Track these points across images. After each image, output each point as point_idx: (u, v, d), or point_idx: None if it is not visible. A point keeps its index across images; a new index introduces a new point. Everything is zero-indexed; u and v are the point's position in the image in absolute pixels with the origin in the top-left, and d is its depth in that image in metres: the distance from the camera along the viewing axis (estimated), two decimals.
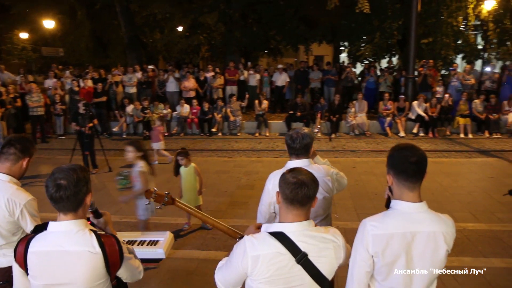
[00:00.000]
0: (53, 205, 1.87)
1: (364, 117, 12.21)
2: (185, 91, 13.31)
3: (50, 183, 1.84)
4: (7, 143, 2.61)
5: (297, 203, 1.92)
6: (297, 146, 2.91)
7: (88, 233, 1.89)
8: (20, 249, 1.88)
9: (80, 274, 1.85)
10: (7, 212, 2.52)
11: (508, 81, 12.20)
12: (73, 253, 1.84)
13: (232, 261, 1.98)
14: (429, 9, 13.26)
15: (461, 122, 11.54)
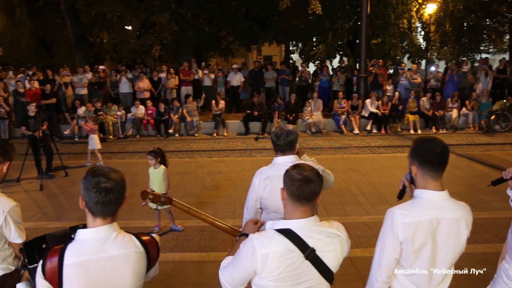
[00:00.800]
0: (96, 210, 1.76)
1: (320, 116, 12.53)
2: (139, 92, 12.95)
3: (95, 188, 1.73)
4: None
5: (304, 200, 1.93)
6: (282, 143, 2.94)
7: (125, 234, 1.82)
8: (52, 265, 1.70)
9: (127, 277, 1.78)
10: None
11: (450, 80, 13.02)
12: (119, 257, 1.75)
13: (239, 260, 1.95)
14: (377, 11, 13.88)
15: (411, 118, 12.16)
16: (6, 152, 2.46)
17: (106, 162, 9.47)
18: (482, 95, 12.43)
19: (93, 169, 1.82)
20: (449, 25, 14.46)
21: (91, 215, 1.78)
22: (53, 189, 7.56)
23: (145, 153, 10.35)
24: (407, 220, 1.98)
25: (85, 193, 1.75)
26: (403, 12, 13.63)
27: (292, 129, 2.99)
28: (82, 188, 1.77)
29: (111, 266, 1.74)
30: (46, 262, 1.70)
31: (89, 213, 1.78)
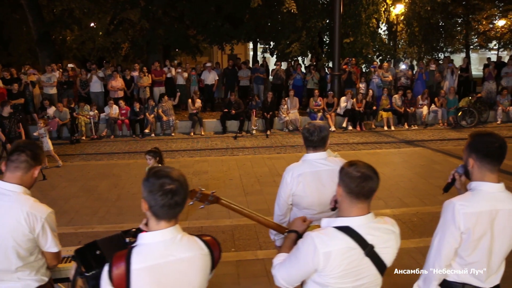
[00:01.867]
0: (161, 213, 1.68)
1: (296, 113, 12.64)
2: (112, 91, 12.55)
3: (160, 190, 1.65)
4: (15, 149, 2.25)
5: (363, 197, 1.94)
6: (315, 139, 2.93)
7: (189, 236, 1.77)
8: (119, 271, 1.61)
9: (195, 280, 1.73)
10: (27, 228, 2.17)
11: (419, 78, 13.53)
12: (187, 259, 1.70)
13: (299, 258, 1.95)
14: (349, 10, 14.18)
15: (384, 115, 12.52)
16: (37, 156, 2.30)
17: (85, 164, 9.14)
18: (449, 93, 12.99)
19: (154, 170, 1.74)
20: (417, 25, 15.01)
21: (155, 218, 1.71)
22: (32, 193, 7.16)
23: (122, 153, 10.12)
24: (468, 210, 2.04)
25: (150, 196, 1.67)
26: (373, 12, 14.01)
27: (324, 125, 3.00)
28: (146, 191, 1.69)
29: (179, 270, 1.69)
30: (113, 268, 1.62)
31: (152, 216, 1.71)
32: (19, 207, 2.18)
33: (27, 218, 2.17)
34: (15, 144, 2.31)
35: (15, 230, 2.16)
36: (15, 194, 2.21)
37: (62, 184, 7.61)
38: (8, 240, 2.15)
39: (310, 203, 2.92)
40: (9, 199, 2.19)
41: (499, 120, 13.07)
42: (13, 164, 2.23)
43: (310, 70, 14.04)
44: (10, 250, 2.17)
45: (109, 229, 5.56)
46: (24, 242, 2.19)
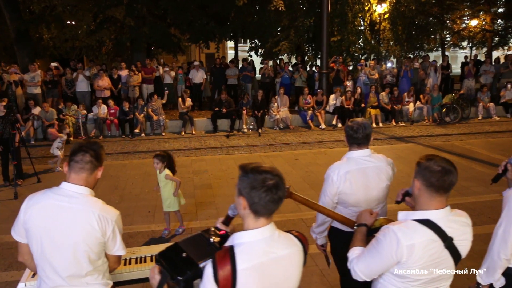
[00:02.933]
0: (263, 210, 1.66)
1: (287, 111, 12.71)
2: (99, 90, 12.25)
3: (264, 186, 1.63)
4: (79, 149, 2.15)
5: (443, 190, 1.99)
6: (360, 136, 2.97)
7: (283, 232, 1.76)
8: (225, 272, 1.58)
9: (294, 276, 1.74)
10: (99, 232, 2.10)
11: (405, 76, 13.85)
12: (287, 256, 1.70)
13: (381, 251, 1.98)
14: (335, 9, 14.35)
15: (372, 112, 12.75)
16: (100, 157, 2.23)
17: None
18: (433, 90, 13.37)
19: (251, 166, 1.72)
20: (401, 24, 15.35)
21: (254, 215, 1.69)
22: None
23: (115, 154, 9.90)
24: None
25: (253, 192, 1.64)
26: (359, 11, 14.24)
27: (367, 122, 3.04)
28: (247, 187, 1.66)
29: (280, 267, 1.69)
30: (218, 270, 1.59)
31: (251, 214, 1.69)
32: (90, 210, 2.11)
33: (99, 221, 2.10)
34: (77, 144, 2.22)
35: (88, 234, 2.08)
36: (83, 196, 2.14)
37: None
38: (80, 244, 2.08)
39: (357, 201, 2.96)
40: (78, 201, 2.11)
41: (480, 116, 13.55)
42: (78, 165, 2.14)
43: (298, 68, 14.13)
44: (82, 254, 2.09)
45: None
46: (95, 246, 2.12)
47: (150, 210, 6.27)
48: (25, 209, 2.12)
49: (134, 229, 5.60)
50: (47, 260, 2.09)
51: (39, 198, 2.13)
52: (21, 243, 2.19)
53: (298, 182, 7.44)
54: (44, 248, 2.07)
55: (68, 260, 2.08)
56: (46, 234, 2.07)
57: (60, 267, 2.09)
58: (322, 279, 4.27)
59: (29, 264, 2.25)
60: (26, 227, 2.10)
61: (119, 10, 13.45)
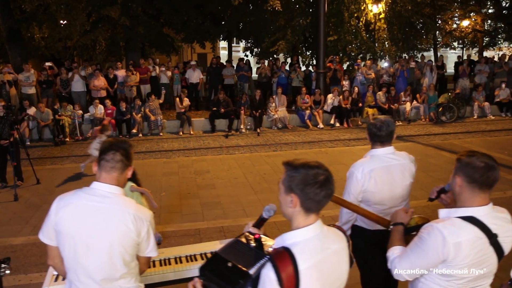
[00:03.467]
0: (316, 206, 1.64)
1: (285, 111, 12.68)
2: (95, 90, 12.09)
3: (317, 182, 1.60)
4: (109, 148, 2.06)
5: (486, 187, 1.96)
6: (383, 134, 2.94)
7: (329, 227, 1.73)
8: (288, 274, 1.52)
9: (345, 270, 1.72)
10: (135, 233, 2.01)
11: (401, 75, 13.91)
12: (338, 250, 1.68)
13: (426, 250, 1.95)
14: (332, 9, 14.37)
15: (370, 112, 12.79)
16: (130, 156, 2.14)
17: (77, 166, 8.72)
18: (429, 89, 13.45)
19: (300, 162, 1.67)
20: (397, 23, 15.44)
21: (304, 213, 1.64)
22: (29, 198, 6.81)
23: None
24: None
25: (307, 188, 1.60)
26: (355, 11, 14.28)
27: (391, 119, 3.02)
28: (299, 184, 1.61)
29: (335, 261, 1.67)
30: (281, 273, 1.51)
31: (301, 211, 1.64)
32: (125, 210, 2.02)
33: (134, 222, 2.01)
34: (107, 143, 2.13)
35: (124, 235, 2.00)
36: (116, 196, 2.05)
37: (59, 188, 7.26)
38: (115, 246, 1.99)
39: (382, 199, 2.93)
40: (112, 201, 2.03)
41: (475, 115, 13.67)
42: (109, 164, 2.05)
43: (295, 68, 14.11)
44: (117, 256, 2.01)
45: None
46: (130, 247, 2.04)
47: (155, 211, 6.17)
48: (56, 211, 2.03)
49: None
50: (80, 263, 2.00)
51: (71, 199, 2.04)
52: (51, 246, 2.09)
53: None
54: (77, 251, 1.99)
55: (103, 262, 2.00)
56: (79, 236, 1.98)
57: (94, 270, 2.00)
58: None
59: (59, 267, 2.16)
60: (58, 229, 2.01)
61: (114, 10, 13.29)
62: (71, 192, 2.09)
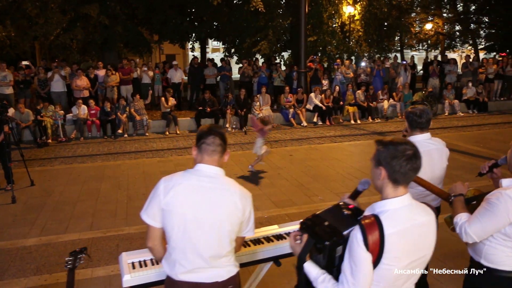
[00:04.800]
0: (403, 178, 1.78)
1: (269, 110, 12.86)
2: (77, 90, 11.78)
3: (404, 156, 1.74)
4: (209, 133, 2.14)
5: None
6: (424, 121, 3.18)
7: (418, 202, 1.88)
8: (374, 237, 1.68)
9: (432, 243, 1.85)
10: (241, 211, 2.11)
11: (377, 75, 14.46)
12: (426, 223, 1.81)
13: (496, 213, 2.18)
14: (311, 10, 14.72)
15: (350, 110, 13.21)
16: (227, 141, 2.24)
17: (69, 167, 8.52)
18: (405, 88, 14.07)
19: (389, 139, 1.82)
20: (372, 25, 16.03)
21: (392, 185, 1.79)
22: (28, 200, 6.59)
23: (104, 155, 9.56)
24: None
25: (394, 161, 1.75)
26: (335, 12, 14.71)
27: (427, 108, 3.28)
28: (387, 157, 1.76)
29: (422, 233, 1.79)
30: (368, 235, 1.68)
31: (389, 183, 1.79)
32: (232, 189, 2.12)
33: (241, 201, 2.11)
34: (205, 127, 2.20)
35: (232, 213, 2.09)
36: (222, 176, 2.14)
37: (57, 189, 7.07)
38: (224, 224, 2.08)
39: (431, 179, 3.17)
40: (219, 181, 2.12)
41: (446, 112, 14.43)
42: (210, 147, 2.13)
43: (276, 68, 14.33)
44: (225, 234, 2.09)
45: (142, 230, 5.34)
46: (236, 225, 2.13)
47: None
48: (165, 191, 2.08)
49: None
50: (190, 241, 2.06)
51: (180, 179, 2.10)
52: (154, 227, 2.14)
53: (301, 176, 7.60)
54: (188, 229, 2.05)
55: (212, 240, 2.08)
56: (190, 215, 2.05)
57: (203, 248, 2.07)
58: None
59: (157, 249, 2.20)
60: (168, 208, 2.06)
61: (93, 8, 13.01)
62: (177, 173, 2.15)
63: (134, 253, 2.71)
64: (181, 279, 2.11)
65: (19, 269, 4.45)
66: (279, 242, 2.84)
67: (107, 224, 5.61)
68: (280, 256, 2.83)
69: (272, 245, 2.78)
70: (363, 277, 1.69)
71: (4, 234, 5.34)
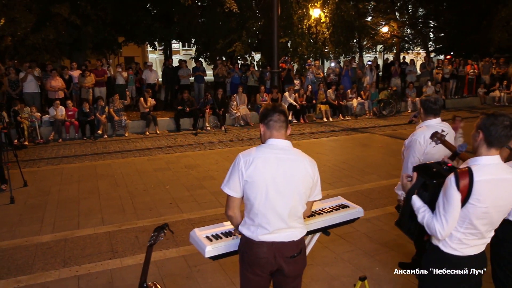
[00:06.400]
0: (496, 142, 2.21)
1: (246, 109, 13.19)
2: (52, 91, 11.51)
3: (501, 124, 2.18)
4: (273, 111, 2.43)
5: None
6: (437, 107, 3.73)
7: None
8: (464, 182, 2.16)
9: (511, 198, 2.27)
10: (311, 176, 2.42)
11: (346, 75, 15.20)
12: (509, 180, 2.23)
13: None
14: (282, 12, 15.21)
15: (322, 108, 13.82)
16: (288, 117, 2.55)
17: (57, 167, 8.40)
18: (371, 87, 14.90)
19: (491, 112, 2.28)
20: (340, 27, 16.78)
21: (487, 146, 2.26)
22: (27, 200, 6.51)
23: (90, 155, 9.48)
24: None
25: (491, 127, 2.22)
26: (305, 15, 15.28)
27: (438, 95, 3.82)
28: (486, 124, 2.24)
29: (506, 187, 2.23)
30: (460, 180, 2.17)
31: (484, 145, 2.26)
32: (302, 158, 2.42)
33: (310, 167, 2.42)
34: (270, 106, 2.47)
35: (304, 178, 2.39)
36: (291, 148, 2.44)
37: (53, 189, 7.01)
38: (300, 188, 2.38)
39: (438, 158, 3.63)
40: (291, 152, 2.41)
41: (409, 109, 15.42)
42: (277, 124, 2.42)
43: (249, 68, 14.68)
44: (301, 197, 2.40)
45: (156, 222, 5.52)
46: (308, 189, 2.44)
47: (171, 202, 6.34)
48: (246, 165, 2.34)
49: (170, 219, 5.65)
50: (272, 205, 2.35)
51: (258, 153, 2.37)
52: (234, 198, 2.42)
53: None
54: (270, 195, 2.33)
55: (290, 203, 2.38)
56: (272, 183, 2.33)
57: (283, 211, 2.37)
58: (371, 239, 4.90)
59: (236, 217, 2.50)
60: (251, 180, 2.32)
61: (64, 8, 12.75)
62: (252, 149, 2.44)
63: (205, 229, 2.95)
64: (261, 239, 2.40)
65: (45, 262, 4.50)
66: (328, 215, 3.21)
67: (118, 219, 5.70)
68: (328, 227, 3.20)
69: (321, 217, 3.14)
70: (452, 211, 2.18)
71: (15, 232, 5.31)
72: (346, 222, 3.32)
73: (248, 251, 2.43)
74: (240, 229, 2.51)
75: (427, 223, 2.28)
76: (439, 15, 25.61)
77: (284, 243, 2.42)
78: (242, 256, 2.50)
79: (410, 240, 4.09)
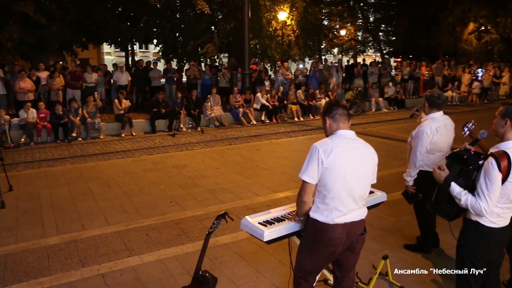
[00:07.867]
0: None
1: (220, 110, 13.32)
2: (21, 93, 11.05)
3: None
4: (337, 105, 2.76)
5: None
6: (441, 101, 4.19)
7: None
8: (504, 163, 2.53)
9: None
10: (376, 162, 2.77)
11: (313, 76, 15.73)
12: None
13: None
14: (251, 15, 15.46)
15: (293, 108, 14.24)
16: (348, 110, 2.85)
17: (39, 171, 8.13)
18: (338, 87, 15.53)
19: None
20: (306, 30, 17.30)
21: None
22: (19, 204, 6.31)
23: (70, 158, 9.24)
24: None
25: None
26: (273, 18, 15.64)
27: (440, 91, 4.30)
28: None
29: None
30: (500, 162, 2.54)
31: (511, 130, 2.65)
32: (367, 146, 2.76)
33: (375, 154, 2.77)
34: (334, 101, 2.79)
35: (372, 164, 2.74)
36: (357, 137, 2.75)
37: (42, 192, 6.83)
38: (369, 172, 2.72)
39: (443, 147, 4.15)
40: (359, 141, 2.74)
41: (373, 109, 16.22)
42: (343, 116, 2.74)
43: (220, 69, 14.82)
44: (369, 180, 2.74)
45: (162, 220, 5.61)
46: (374, 173, 2.77)
47: (171, 201, 6.40)
48: (326, 153, 2.60)
49: (179, 216, 5.73)
50: (349, 189, 2.63)
51: (334, 143, 2.64)
52: (311, 184, 2.67)
53: (278, 166, 8.26)
54: (347, 180, 2.62)
55: (362, 185, 2.70)
56: (349, 169, 2.62)
57: (357, 194, 2.67)
58: (372, 226, 5.26)
59: (309, 202, 2.75)
60: (331, 167, 2.58)
61: (28, 6, 12.28)
62: (326, 139, 2.71)
63: (255, 216, 3.16)
64: (336, 222, 2.66)
65: (62, 264, 4.46)
66: None
67: (122, 219, 5.70)
68: None
69: None
70: (496, 189, 2.54)
71: (17, 237, 5.18)
72: (374, 206, 3.64)
73: (322, 234, 2.67)
74: (312, 215, 2.74)
75: (471, 204, 2.61)
76: (391, 20, 27.06)
77: (355, 222, 2.71)
78: (314, 239, 2.73)
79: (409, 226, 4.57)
